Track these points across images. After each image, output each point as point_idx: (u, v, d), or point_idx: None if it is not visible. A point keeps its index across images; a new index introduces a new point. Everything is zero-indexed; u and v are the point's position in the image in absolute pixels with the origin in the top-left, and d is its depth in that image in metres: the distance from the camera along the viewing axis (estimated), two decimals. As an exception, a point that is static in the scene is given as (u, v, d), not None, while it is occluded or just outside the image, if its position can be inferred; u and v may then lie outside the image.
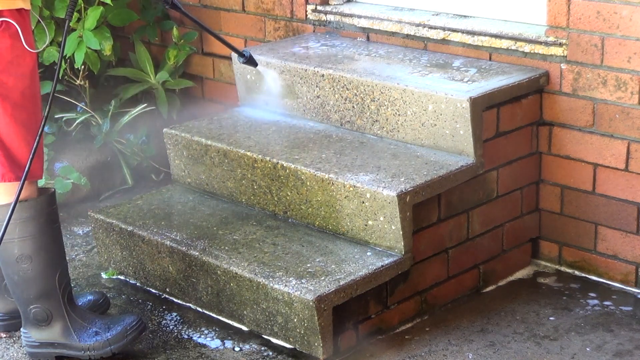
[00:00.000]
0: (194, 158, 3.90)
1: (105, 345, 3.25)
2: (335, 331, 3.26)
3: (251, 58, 3.79)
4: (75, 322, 3.27)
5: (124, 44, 5.05)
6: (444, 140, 3.57)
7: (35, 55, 3.10)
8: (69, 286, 3.28)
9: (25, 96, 3.08)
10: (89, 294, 3.55)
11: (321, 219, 3.54)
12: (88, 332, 3.27)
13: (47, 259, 3.20)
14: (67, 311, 3.25)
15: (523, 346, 3.33)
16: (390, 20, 4.11)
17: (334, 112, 3.86)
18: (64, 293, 3.24)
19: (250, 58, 3.79)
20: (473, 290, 3.71)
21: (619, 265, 3.70)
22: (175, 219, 3.74)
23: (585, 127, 3.67)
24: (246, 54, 3.78)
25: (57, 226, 3.24)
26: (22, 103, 3.08)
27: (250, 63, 3.80)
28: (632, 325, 3.44)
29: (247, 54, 3.78)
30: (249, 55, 3.78)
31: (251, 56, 3.79)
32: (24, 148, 3.10)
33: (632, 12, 3.46)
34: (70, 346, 3.26)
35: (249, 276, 3.32)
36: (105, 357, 3.27)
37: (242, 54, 3.77)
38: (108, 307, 3.57)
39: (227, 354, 3.34)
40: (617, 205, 3.65)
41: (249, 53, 3.79)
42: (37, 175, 3.15)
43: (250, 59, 3.79)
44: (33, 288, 3.20)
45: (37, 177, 3.16)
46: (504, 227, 3.76)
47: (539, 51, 3.70)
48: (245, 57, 3.77)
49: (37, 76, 3.13)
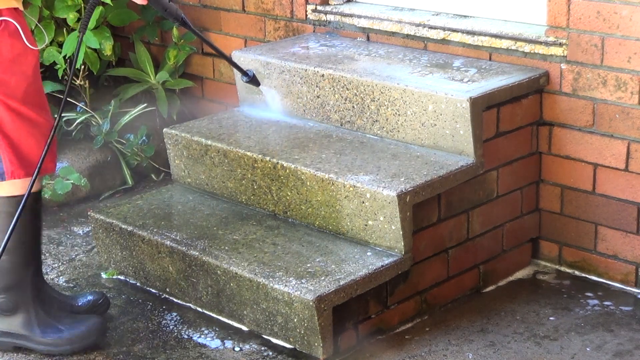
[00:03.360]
0: (194, 158, 3.90)
1: (66, 343, 3.30)
2: (335, 331, 3.26)
3: (254, 78, 3.87)
4: (40, 317, 3.30)
5: (124, 44, 5.05)
6: (444, 140, 3.57)
7: (37, 53, 3.13)
8: (41, 281, 3.33)
9: (28, 93, 3.12)
10: (89, 294, 3.56)
11: (321, 219, 3.54)
12: (52, 328, 3.31)
13: (26, 254, 3.25)
14: (35, 305, 3.30)
15: (523, 346, 3.33)
16: (390, 20, 4.11)
17: (334, 112, 3.86)
18: (34, 289, 3.29)
19: (254, 78, 3.87)
20: (473, 290, 3.71)
21: (619, 265, 3.70)
22: (175, 219, 3.74)
23: (585, 127, 3.67)
24: (250, 74, 3.86)
25: (39, 223, 3.30)
26: (26, 100, 3.11)
27: (253, 83, 3.88)
28: (632, 325, 3.44)
29: (250, 74, 3.86)
30: (252, 75, 3.86)
31: (254, 76, 3.87)
32: (32, 145, 3.14)
33: (632, 12, 3.46)
34: (31, 339, 3.31)
35: (249, 276, 3.32)
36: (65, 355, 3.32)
37: (246, 73, 3.86)
38: (108, 307, 3.57)
39: (227, 354, 3.34)
40: (617, 205, 3.65)
41: (252, 73, 3.87)
42: (49, 169, 3.21)
43: (253, 79, 3.87)
44: (5, 279, 3.25)
45: (50, 171, 3.23)
46: (504, 227, 3.76)
47: (539, 51, 3.70)
48: (249, 77, 3.86)
49: (39, 73, 3.16)
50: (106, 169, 4.63)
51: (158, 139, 4.63)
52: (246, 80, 3.86)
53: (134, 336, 3.46)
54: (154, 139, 4.68)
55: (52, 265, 3.99)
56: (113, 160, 4.65)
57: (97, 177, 4.60)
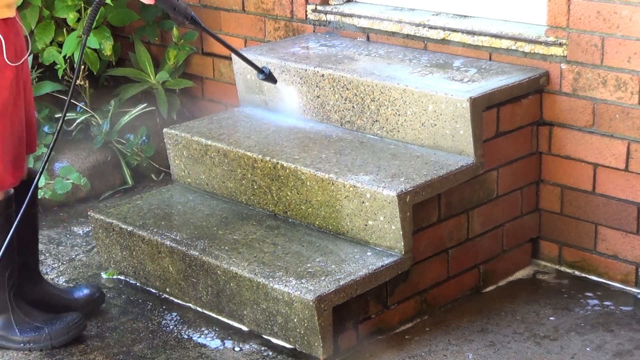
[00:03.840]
0: (194, 158, 3.90)
1: (47, 339, 3.35)
2: (335, 331, 3.26)
3: (271, 75, 3.70)
4: (18, 317, 3.35)
5: (124, 44, 5.05)
6: (444, 140, 3.57)
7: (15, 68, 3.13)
8: (17, 283, 3.36)
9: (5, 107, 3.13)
10: (85, 287, 3.61)
11: (321, 219, 3.54)
12: (30, 326, 3.35)
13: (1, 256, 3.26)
14: (12, 306, 3.34)
15: (523, 346, 3.33)
16: (390, 20, 4.11)
17: (334, 112, 3.86)
18: (11, 289, 3.33)
19: (270, 75, 3.70)
20: (473, 290, 3.71)
21: (619, 265, 3.70)
22: (175, 219, 3.74)
23: (585, 127, 3.67)
24: (266, 71, 3.69)
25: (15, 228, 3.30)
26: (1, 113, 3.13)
27: (270, 80, 3.72)
28: (632, 325, 3.44)
29: (266, 71, 3.69)
30: (268, 72, 3.69)
31: (271, 73, 3.70)
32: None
33: (632, 12, 3.46)
34: (9, 339, 3.35)
35: (249, 276, 3.32)
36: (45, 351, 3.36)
37: (262, 70, 3.68)
38: (103, 301, 3.62)
39: (227, 354, 3.34)
40: (617, 205, 3.65)
41: (268, 70, 3.70)
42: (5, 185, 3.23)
43: (269, 76, 3.70)
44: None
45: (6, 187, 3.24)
46: (504, 227, 3.76)
47: (539, 51, 3.70)
48: (265, 74, 3.68)
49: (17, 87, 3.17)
50: (106, 169, 4.63)
51: (158, 139, 4.63)
52: (262, 77, 3.69)
53: (134, 336, 3.46)
54: (154, 139, 4.68)
55: (52, 265, 3.99)
56: (113, 160, 4.65)
57: (97, 177, 4.59)
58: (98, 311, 3.60)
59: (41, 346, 3.35)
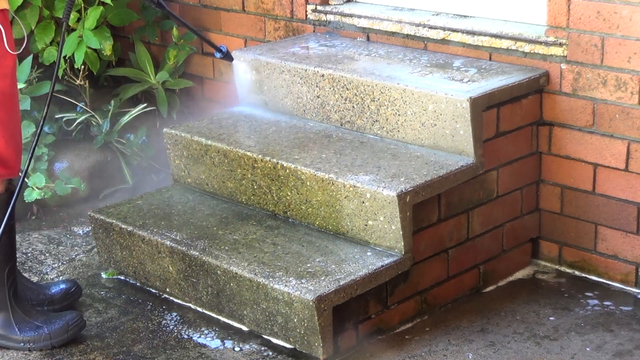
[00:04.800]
0: (194, 158, 3.90)
1: (46, 339, 3.35)
2: (335, 331, 3.26)
3: (228, 53, 3.94)
4: (18, 316, 3.35)
5: (124, 44, 5.05)
6: (444, 140, 3.57)
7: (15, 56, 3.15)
8: (16, 281, 3.36)
9: (5, 95, 3.14)
10: (62, 283, 3.63)
11: (321, 219, 3.54)
12: (30, 325, 3.36)
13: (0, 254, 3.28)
14: (12, 305, 3.34)
15: (523, 346, 3.33)
16: (390, 20, 4.11)
17: (334, 112, 3.86)
18: (10, 287, 3.33)
19: (227, 53, 3.94)
20: (473, 290, 3.71)
21: (619, 265, 3.70)
22: (175, 219, 3.74)
23: (585, 127, 3.67)
24: (223, 49, 3.92)
25: (12, 224, 3.32)
26: (2, 102, 3.13)
27: (227, 58, 3.96)
28: (632, 325, 3.44)
29: (224, 49, 3.92)
30: (226, 51, 3.92)
31: (228, 52, 3.94)
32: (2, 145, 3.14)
33: (632, 12, 3.46)
34: (9, 338, 3.35)
35: (249, 276, 3.32)
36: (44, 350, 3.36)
37: (219, 49, 3.92)
38: (80, 295, 3.64)
39: (227, 354, 3.34)
40: (617, 205, 3.65)
41: (226, 48, 3.93)
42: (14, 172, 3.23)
43: (227, 54, 3.94)
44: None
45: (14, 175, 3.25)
46: (504, 227, 3.76)
47: (539, 51, 3.70)
48: (223, 52, 3.92)
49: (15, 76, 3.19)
50: (106, 169, 4.63)
51: (158, 139, 4.63)
52: (220, 56, 3.92)
53: (134, 336, 3.46)
54: (154, 139, 4.67)
55: (52, 265, 3.99)
56: (113, 160, 4.65)
57: (97, 177, 4.59)
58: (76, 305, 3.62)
59: (41, 346, 3.35)
